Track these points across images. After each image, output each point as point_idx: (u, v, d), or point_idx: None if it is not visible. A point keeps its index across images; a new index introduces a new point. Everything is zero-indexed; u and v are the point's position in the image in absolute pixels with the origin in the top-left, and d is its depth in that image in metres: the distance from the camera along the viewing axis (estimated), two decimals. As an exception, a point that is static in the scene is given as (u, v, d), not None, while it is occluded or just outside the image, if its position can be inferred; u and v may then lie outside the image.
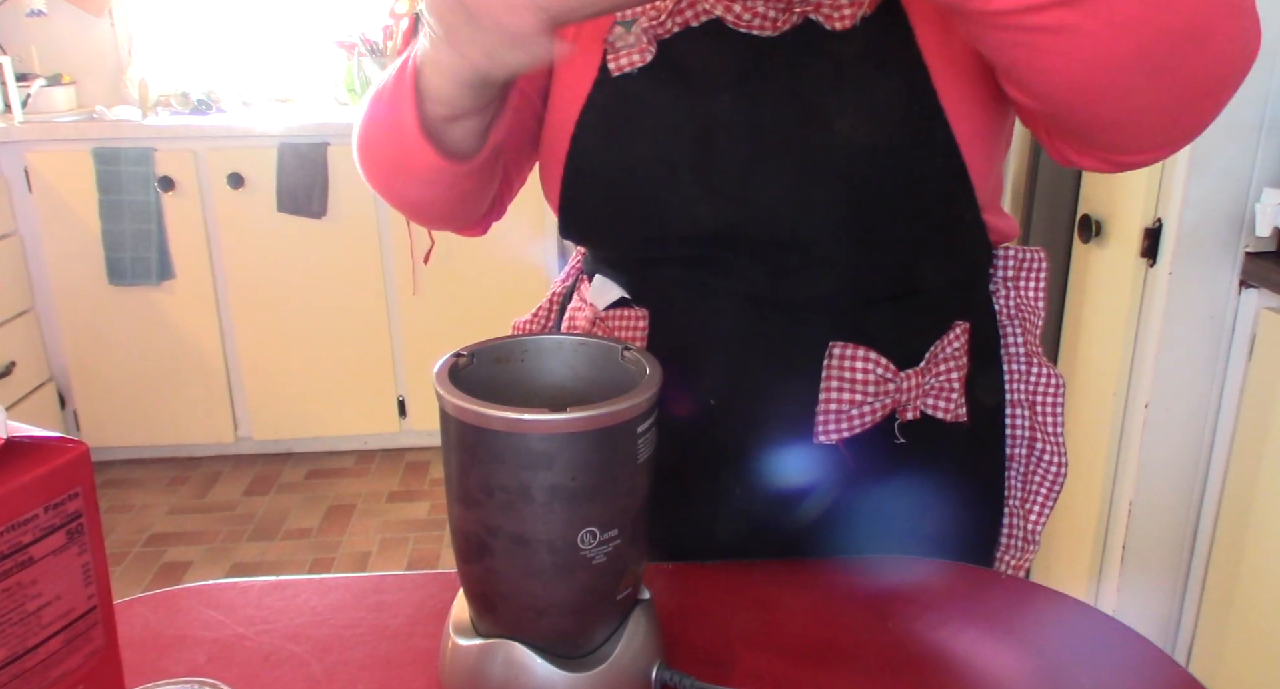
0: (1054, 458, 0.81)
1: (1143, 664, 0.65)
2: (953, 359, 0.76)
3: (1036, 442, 0.82)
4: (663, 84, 0.72)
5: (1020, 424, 0.82)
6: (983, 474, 0.82)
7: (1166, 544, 1.61)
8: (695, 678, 0.59)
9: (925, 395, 0.75)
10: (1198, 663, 1.59)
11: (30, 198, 2.73)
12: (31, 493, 0.44)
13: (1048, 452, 0.82)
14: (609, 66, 0.74)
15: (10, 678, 0.44)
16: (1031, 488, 0.83)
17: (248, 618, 0.70)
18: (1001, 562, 0.85)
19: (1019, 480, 0.83)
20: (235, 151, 2.72)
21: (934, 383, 0.75)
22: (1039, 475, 0.82)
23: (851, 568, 0.75)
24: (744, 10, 0.70)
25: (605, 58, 0.74)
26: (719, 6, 0.71)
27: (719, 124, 0.70)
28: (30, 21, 3.10)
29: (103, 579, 0.48)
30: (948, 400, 0.76)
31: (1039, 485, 0.83)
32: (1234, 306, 1.49)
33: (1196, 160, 1.44)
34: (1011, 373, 0.82)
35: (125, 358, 2.86)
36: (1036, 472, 0.82)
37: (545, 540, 0.53)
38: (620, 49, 0.73)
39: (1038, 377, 0.81)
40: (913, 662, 0.64)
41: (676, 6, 0.72)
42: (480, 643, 0.57)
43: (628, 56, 0.73)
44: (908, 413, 0.75)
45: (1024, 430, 0.82)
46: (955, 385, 0.76)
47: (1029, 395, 0.82)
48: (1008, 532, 0.84)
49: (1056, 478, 0.82)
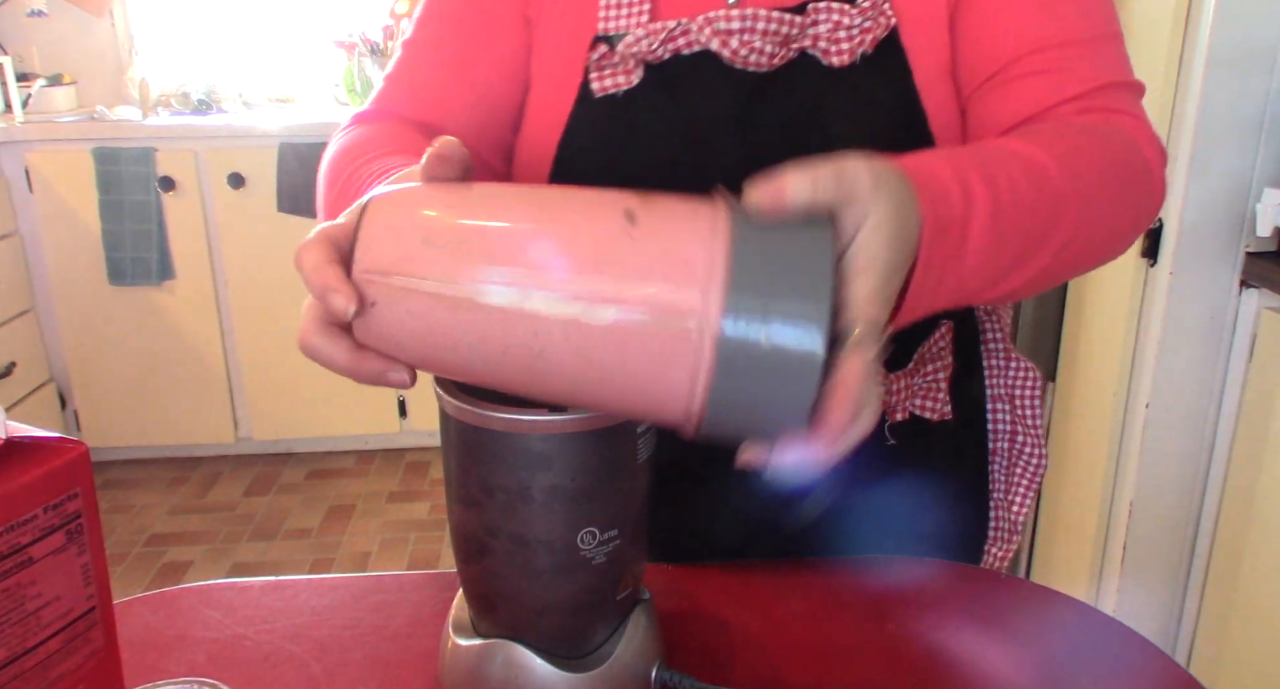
0: (1034, 449, 0.83)
1: (1143, 664, 0.65)
2: (939, 359, 0.77)
3: (1018, 435, 0.83)
4: (653, 109, 0.70)
5: (1001, 418, 0.83)
6: (969, 469, 0.83)
7: (1166, 544, 1.61)
8: (695, 678, 0.59)
9: (914, 396, 0.76)
10: (1198, 663, 1.58)
11: (31, 198, 2.73)
12: (31, 493, 0.44)
13: (1028, 444, 0.83)
14: (592, 86, 0.72)
15: (10, 678, 0.44)
16: (1014, 479, 0.84)
17: (248, 618, 0.70)
18: (989, 554, 0.85)
19: (1002, 473, 0.84)
20: (235, 151, 2.72)
21: (922, 383, 0.76)
22: (1019, 467, 0.83)
23: (851, 568, 0.75)
24: (741, 46, 0.69)
25: (587, 76, 0.72)
26: (715, 40, 0.69)
27: (714, 159, 0.69)
28: (31, 21, 3.10)
29: (102, 579, 0.48)
30: (935, 400, 0.76)
31: (1020, 476, 0.84)
32: (1234, 307, 1.49)
33: (1197, 160, 1.44)
34: (991, 368, 0.83)
35: (125, 358, 2.86)
36: (1018, 463, 0.84)
37: (545, 541, 0.53)
38: (604, 68, 0.72)
39: (1015, 370, 0.82)
40: (912, 662, 0.64)
41: (669, 33, 0.69)
42: (480, 643, 0.57)
43: (612, 77, 0.71)
44: (897, 414, 0.75)
45: (1005, 424, 0.83)
46: (941, 385, 0.77)
47: (1008, 389, 0.82)
48: (994, 525, 0.85)
49: (1038, 468, 0.83)
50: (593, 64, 0.72)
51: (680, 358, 0.42)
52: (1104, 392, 1.66)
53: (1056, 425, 1.86)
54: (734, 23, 0.68)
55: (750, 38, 0.68)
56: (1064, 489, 1.84)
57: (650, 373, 0.43)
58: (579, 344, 0.43)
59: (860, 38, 0.68)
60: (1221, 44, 1.39)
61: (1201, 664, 1.57)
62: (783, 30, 0.68)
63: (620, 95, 0.71)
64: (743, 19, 0.68)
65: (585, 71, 0.72)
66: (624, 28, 0.71)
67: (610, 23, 0.72)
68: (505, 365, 0.45)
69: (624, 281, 0.43)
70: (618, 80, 0.71)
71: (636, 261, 0.43)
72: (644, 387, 0.44)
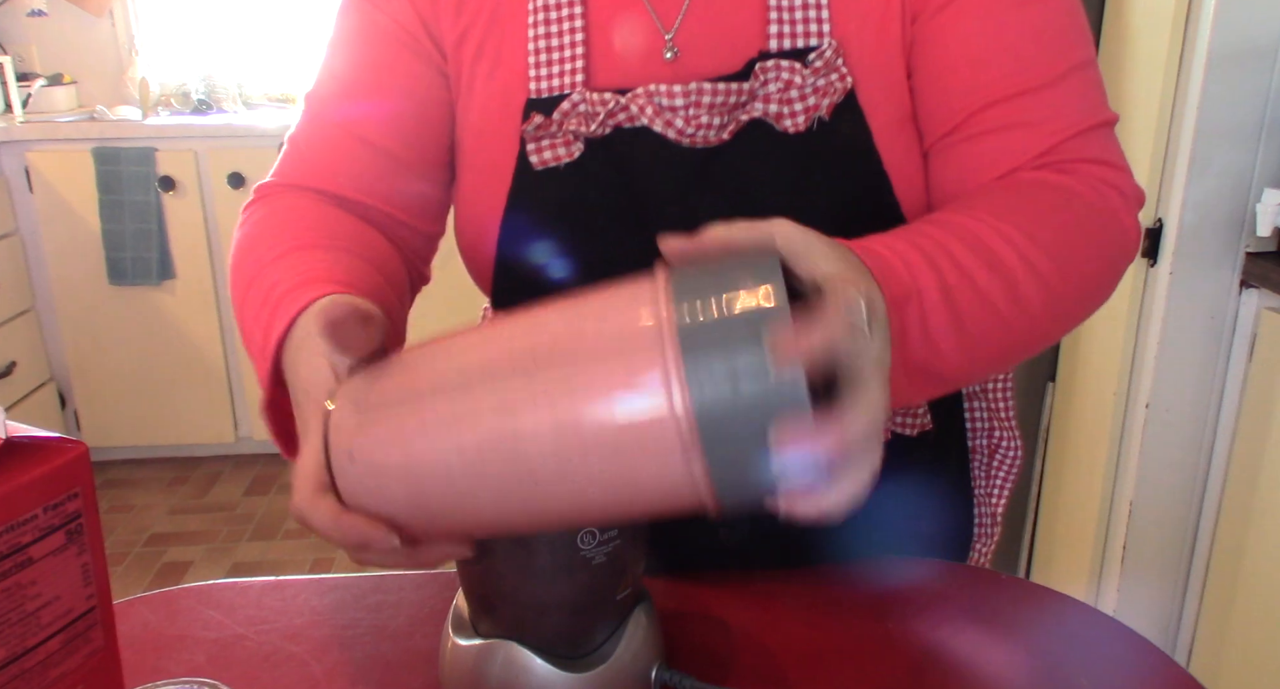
0: (1010, 441, 0.83)
1: (1143, 664, 0.65)
2: None
3: (994, 430, 0.83)
4: (597, 186, 0.67)
5: (979, 416, 0.83)
6: (952, 471, 0.83)
7: (1166, 544, 1.61)
8: (695, 678, 0.59)
9: (890, 418, 0.75)
10: (1198, 663, 1.59)
11: (31, 198, 2.73)
12: (31, 493, 0.44)
13: (1004, 438, 0.83)
14: (530, 158, 0.68)
15: (9, 678, 0.44)
16: (993, 473, 0.84)
17: (247, 618, 0.70)
18: (974, 550, 0.86)
19: (982, 470, 0.85)
20: (236, 151, 2.72)
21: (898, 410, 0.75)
22: (997, 460, 0.84)
23: (851, 569, 0.75)
24: (686, 123, 0.65)
25: (524, 148, 0.68)
26: (658, 121, 0.65)
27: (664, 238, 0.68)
28: (31, 21, 3.10)
29: (102, 579, 0.48)
30: (913, 415, 0.76)
31: (997, 469, 0.84)
32: (1234, 307, 1.49)
33: (1197, 161, 1.44)
34: None
35: (126, 358, 2.86)
36: (994, 457, 0.84)
37: (545, 540, 0.53)
38: (542, 139, 0.67)
39: None
40: (912, 662, 0.64)
41: (608, 111, 0.65)
42: (480, 643, 0.57)
43: (551, 149, 0.68)
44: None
45: (983, 421, 0.83)
46: (922, 407, 0.76)
47: (980, 386, 0.82)
48: (978, 521, 0.85)
49: (1015, 461, 0.83)
50: (529, 135, 0.68)
51: (663, 436, 0.40)
52: (1104, 392, 1.66)
53: (1056, 425, 1.86)
54: (676, 99, 0.64)
55: (696, 113, 0.65)
56: (1064, 489, 1.84)
57: (641, 463, 0.41)
58: (563, 454, 0.42)
59: (816, 101, 0.64)
60: (1221, 44, 1.39)
61: (1201, 664, 1.57)
62: (730, 100, 0.65)
63: (562, 167, 0.68)
64: (685, 95, 0.64)
65: (522, 141, 0.68)
66: (557, 89, 0.67)
67: (543, 82, 0.68)
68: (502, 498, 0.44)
69: (584, 388, 0.41)
70: (558, 152, 0.68)
71: (589, 366, 0.41)
72: (644, 483, 0.42)
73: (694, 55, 0.67)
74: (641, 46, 0.68)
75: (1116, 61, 1.61)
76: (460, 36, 0.71)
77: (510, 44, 0.69)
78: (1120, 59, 1.60)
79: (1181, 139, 1.45)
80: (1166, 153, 1.49)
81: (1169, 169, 1.48)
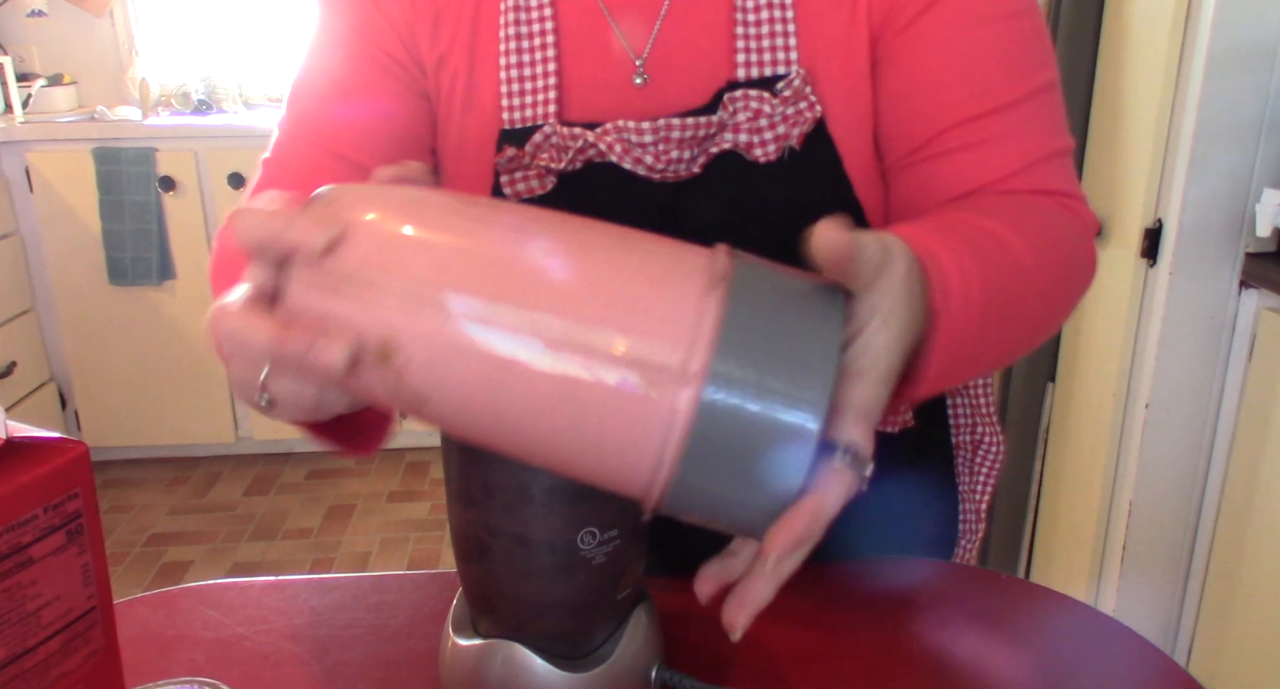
0: (991, 437, 0.83)
1: (1143, 664, 0.65)
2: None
3: (977, 426, 0.83)
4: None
5: (962, 413, 0.84)
6: (936, 469, 0.84)
7: (1166, 544, 1.61)
8: (695, 678, 0.59)
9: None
10: (1198, 663, 1.59)
11: (31, 198, 2.73)
12: (31, 493, 0.44)
13: (986, 433, 0.83)
14: (504, 190, 0.68)
15: (9, 678, 0.44)
16: (976, 469, 0.85)
17: (248, 618, 0.70)
18: (959, 546, 0.86)
19: (966, 466, 0.85)
20: (236, 151, 2.72)
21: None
22: (979, 456, 0.84)
23: (852, 569, 0.75)
24: (656, 159, 0.65)
25: (498, 179, 0.68)
26: (627, 159, 0.65)
27: None
28: (31, 21, 3.10)
29: (102, 579, 0.48)
30: (895, 412, 0.76)
31: (980, 465, 0.84)
32: (1234, 307, 1.49)
33: (1197, 161, 1.44)
34: None
35: (126, 358, 2.86)
36: (977, 453, 0.84)
37: (545, 540, 0.53)
38: (515, 172, 0.68)
39: None
40: (912, 662, 0.64)
41: (578, 148, 0.65)
42: (480, 643, 0.57)
43: (524, 181, 0.68)
44: None
45: (966, 417, 0.84)
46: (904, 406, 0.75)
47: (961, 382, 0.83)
48: (963, 517, 0.85)
49: (997, 456, 0.83)
50: (501, 167, 0.68)
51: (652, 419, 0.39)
52: (1104, 392, 1.66)
53: (1056, 425, 1.86)
54: (645, 135, 0.64)
55: (665, 148, 0.65)
56: (1063, 489, 1.84)
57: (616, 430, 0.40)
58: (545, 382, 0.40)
59: (786, 130, 0.64)
60: (1221, 44, 1.39)
61: (1201, 664, 1.57)
62: (699, 133, 0.65)
63: (535, 200, 0.67)
64: (655, 131, 0.64)
65: (495, 172, 0.69)
66: (530, 119, 0.67)
67: (515, 113, 0.68)
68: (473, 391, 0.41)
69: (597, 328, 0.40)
70: (530, 185, 0.68)
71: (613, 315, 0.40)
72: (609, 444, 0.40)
73: (663, 83, 0.67)
74: (613, 74, 0.68)
75: (1116, 61, 1.61)
76: (439, 60, 0.70)
77: (483, 71, 0.69)
78: (1120, 59, 1.60)
79: (1181, 139, 1.45)
80: (1166, 153, 1.49)
81: (1169, 169, 1.48)
